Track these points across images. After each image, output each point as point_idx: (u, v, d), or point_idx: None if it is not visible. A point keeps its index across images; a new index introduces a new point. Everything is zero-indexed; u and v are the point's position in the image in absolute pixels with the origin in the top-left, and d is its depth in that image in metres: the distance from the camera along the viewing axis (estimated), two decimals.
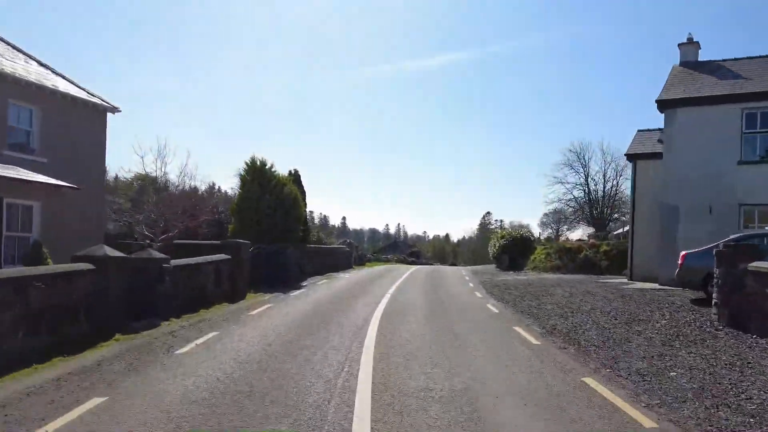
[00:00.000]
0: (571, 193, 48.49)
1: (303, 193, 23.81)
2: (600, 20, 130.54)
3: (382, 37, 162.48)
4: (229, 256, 14.16)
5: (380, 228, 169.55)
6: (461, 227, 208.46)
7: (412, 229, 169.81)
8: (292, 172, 23.69)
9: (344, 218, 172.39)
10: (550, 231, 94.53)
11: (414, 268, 34.04)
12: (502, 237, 37.16)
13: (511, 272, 32.45)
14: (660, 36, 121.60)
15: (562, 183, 48.81)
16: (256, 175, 19.42)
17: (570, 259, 32.91)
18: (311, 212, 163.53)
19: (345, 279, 21.37)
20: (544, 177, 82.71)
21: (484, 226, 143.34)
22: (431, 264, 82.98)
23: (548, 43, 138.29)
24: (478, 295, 16.08)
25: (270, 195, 19.17)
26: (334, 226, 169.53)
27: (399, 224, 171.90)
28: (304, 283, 18.78)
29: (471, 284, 20.48)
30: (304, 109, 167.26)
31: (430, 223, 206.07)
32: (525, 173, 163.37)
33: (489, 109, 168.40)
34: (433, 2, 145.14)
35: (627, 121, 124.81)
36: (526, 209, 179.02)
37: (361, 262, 35.84)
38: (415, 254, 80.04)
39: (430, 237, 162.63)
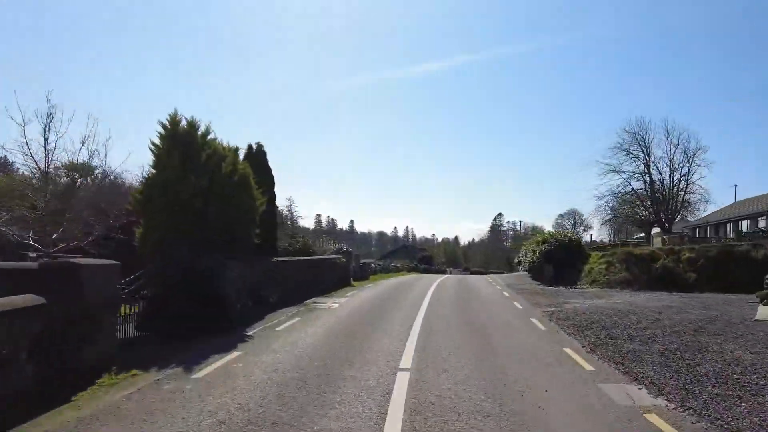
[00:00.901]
0: (629, 183, 39.06)
1: (270, 178, 15.93)
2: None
3: (389, 40, 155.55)
4: (44, 300, 6.27)
5: (388, 231, 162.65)
6: (468, 228, 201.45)
7: (421, 232, 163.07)
8: (253, 146, 15.81)
9: (352, 221, 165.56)
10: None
11: (434, 284, 25.91)
12: (544, 241, 28.92)
13: (563, 288, 24.32)
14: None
15: (617, 172, 39.37)
16: (178, 143, 11.53)
17: (642, 270, 24.66)
18: (318, 216, 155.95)
19: (329, 315, 13.33)
20: (594, 164, 70.60)
21: (496, 228, 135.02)
22: (446, 272, 74.58)
23: (554, 44, 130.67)
24: (585, 365, 7.98)
25: (199, 175, 11.30)
26: (341, 229, 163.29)
27: (407, 227, 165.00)
28: (252, 330, 10.79)
29: (535, 321, 12.41)
30: (310, 112, 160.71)
31: (438, 226, 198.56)
32: (534, 175, 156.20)
33: (496, 111, 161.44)
34: (444, 4, 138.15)
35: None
36: (537, 211, 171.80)
37: (364, 275, 27.81)
38: (426, 259, 71.91)
39: (439, 239, 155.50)
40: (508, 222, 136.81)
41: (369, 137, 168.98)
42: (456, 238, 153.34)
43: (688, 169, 36.54)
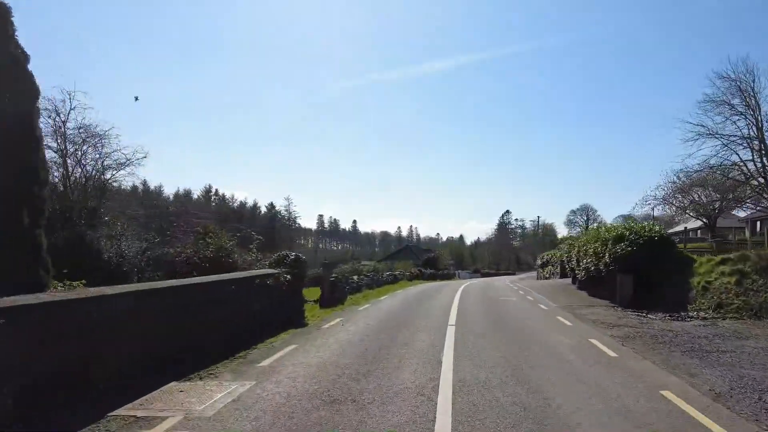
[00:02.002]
0: (735, 151, 26.26)
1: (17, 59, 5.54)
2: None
3: (393, 38, 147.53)
4: None
5: (392, 231, 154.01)
6: (473, 228, 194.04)
7: (424, 232, 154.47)
8: None
9: (355, 221, 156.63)
10: (578, 231, 72.75)
11: (450, 318, 15.48)
12: (618, 238, 18.39)
13: (671, 319, 14.02)
14: None
15: (712, 136, 26.73)
16: None
17: None
18: (320, 216, 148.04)
19: None
20: (678, 127, 55.51)
21: (503, 226, 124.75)
22: (455, 276, 64.24)
23: (549, 43, 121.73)
24: None
25: None
26: (344, 230, 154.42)
27: (411, 227, 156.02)
28: None
29: None
30: (312, 113, 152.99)
31: (442, 226, 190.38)
32: (539, 173, 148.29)
33: (498, 110, 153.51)
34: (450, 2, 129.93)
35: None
36: (544, 209, 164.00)
37: (338, 296, 17.64)
38: (431, 261, 61.57)
39: (444, 239, 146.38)
40: (516, 220, 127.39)
41: (371, 138, 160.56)
42: (461, 237, 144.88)
43: None
